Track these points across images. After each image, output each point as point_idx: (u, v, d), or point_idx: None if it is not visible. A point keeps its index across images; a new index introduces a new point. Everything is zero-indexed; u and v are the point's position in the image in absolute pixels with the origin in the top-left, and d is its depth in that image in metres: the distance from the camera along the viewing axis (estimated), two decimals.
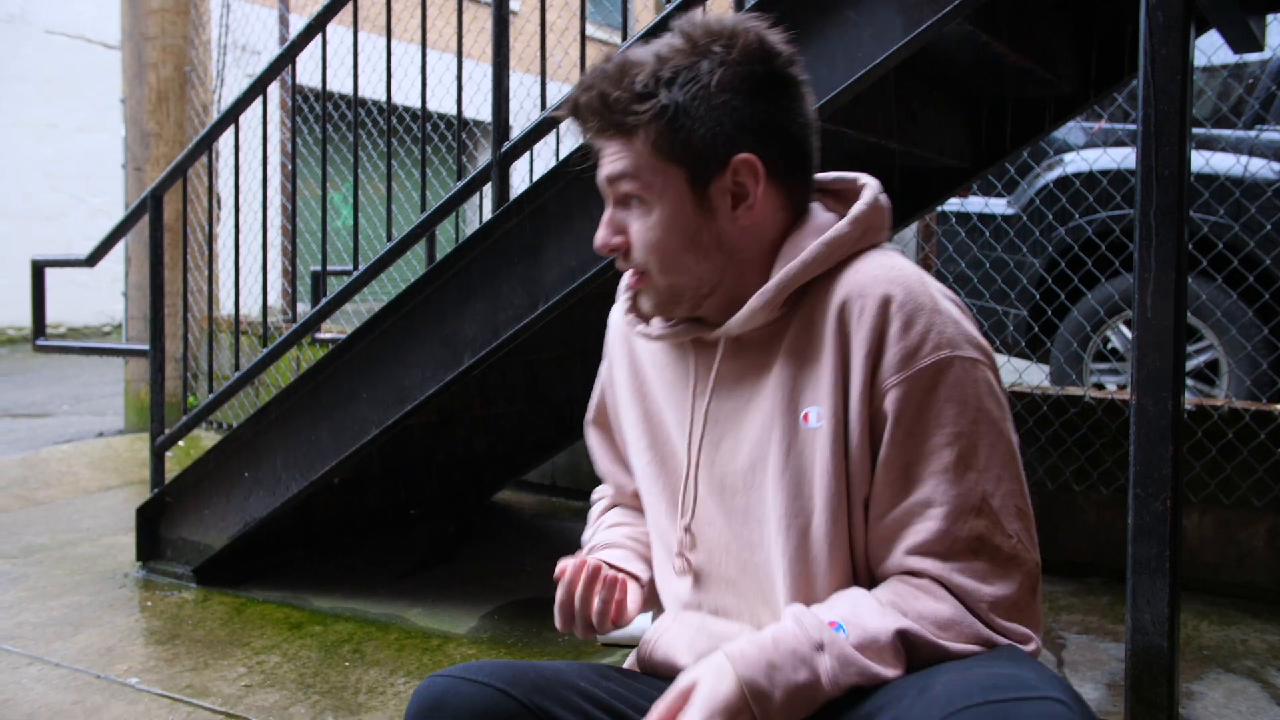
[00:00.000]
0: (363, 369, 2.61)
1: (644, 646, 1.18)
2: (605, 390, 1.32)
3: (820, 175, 1.15)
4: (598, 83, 1.06)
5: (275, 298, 5.46)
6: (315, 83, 2.98)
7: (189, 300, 3.24)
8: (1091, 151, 3.97)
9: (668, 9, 2.16)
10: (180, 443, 3.47)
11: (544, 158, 3.85)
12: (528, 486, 4.07)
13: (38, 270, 3.31)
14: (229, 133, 2.98)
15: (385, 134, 2.76)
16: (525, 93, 3.24)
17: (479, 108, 3.32)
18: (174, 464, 3.40)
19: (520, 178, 3.46)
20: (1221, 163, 3.59)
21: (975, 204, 4.31)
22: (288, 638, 2.53)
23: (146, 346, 3.22)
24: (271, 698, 2.19)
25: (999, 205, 4.26)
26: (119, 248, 3.79)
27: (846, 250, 1.07)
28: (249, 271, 3.47)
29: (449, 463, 3.60)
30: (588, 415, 1.36)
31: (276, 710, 2.13)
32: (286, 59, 2.83)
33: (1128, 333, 3.83)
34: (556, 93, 2.61)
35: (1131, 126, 3.87)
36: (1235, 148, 3.62)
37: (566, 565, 1.11)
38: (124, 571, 3.05)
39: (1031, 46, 2.41)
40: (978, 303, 4.19)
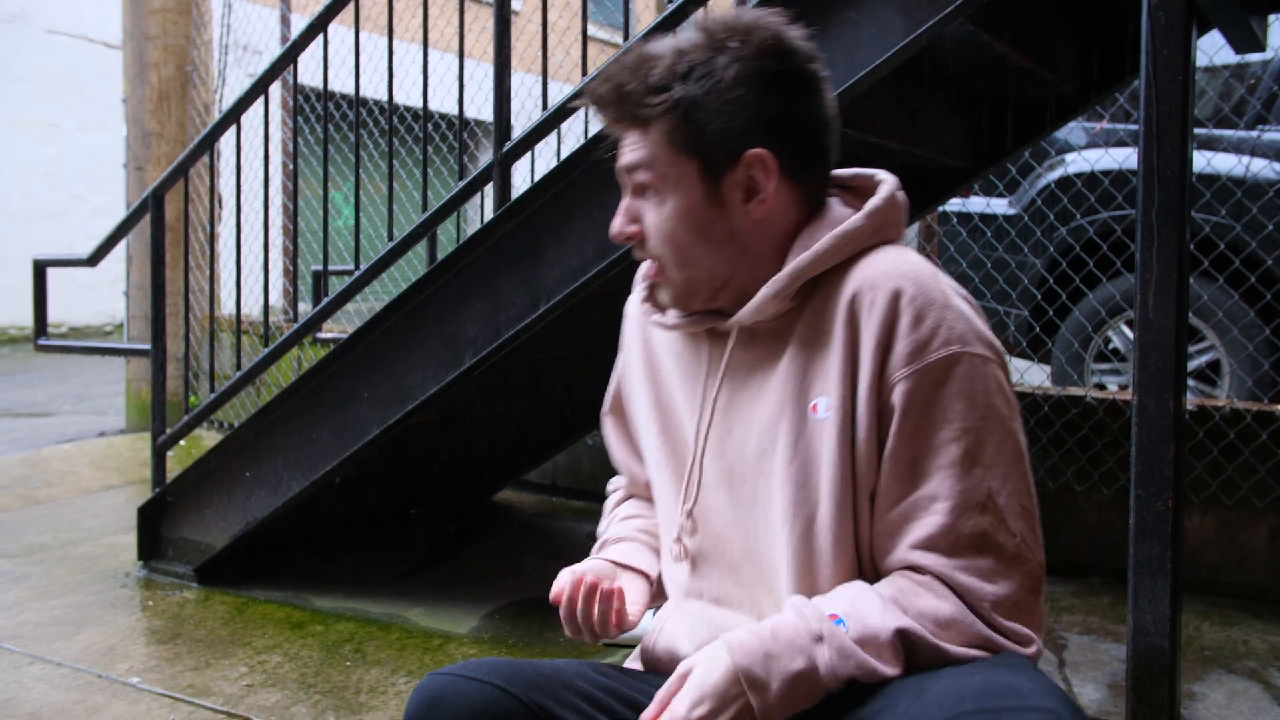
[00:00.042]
0: (364, 369, 2.61)
1: (647, 639, 1.19)
2: (621, 379, 1.32)
3: (839, 171, 1.15)
4: (616, 73, 1.08)
5: (277, 297, 5.46)
6: (317, 82, 2.98)
7: (190, 300, 3.23)
8: (1093, 152, 3.96)
9: (669, 9, 2.16)
10: (182, 442, 3.47)
11: (545, 158, 3.85)
12: (528, 486, 4.07)
13: (39, 270, 3.31)
14: (230, 132, 2.99)
15: (387, 134, 2.76)
16: (526, 93, 3.24)
17: (480, 108, 3.32)
18: (175, 463, 3.40)
19: (522, 178, 3.46)
20: (1223, 163, 3.58)
21: (977, 204, 4.30)
22: (289, 637, 2.53)
23: (148, 346, 3.22)
24: (273, 697, 2.19)
25: (1000, 205, 4.26)
26: (120, 247, 3.79)
27: (860, 244, 1.07)
28: (250, 271, 3.47)
29: (450, 462, 3.60)
30: (604, 405, 1.36)
31: (278, 710, 2.13)
32: (288, 59, 2.84)
33: (1129, 333, 3.82)
34: (558, 93, 2.61)
35: (1133, 127, 3.87)
36: (1237, 148, 3.61)
37: (563, 588, 1.12)
38: (125, 571, 3.05)
39: (1033, 47, 2.41)
40: (979, 303, 4.18)
